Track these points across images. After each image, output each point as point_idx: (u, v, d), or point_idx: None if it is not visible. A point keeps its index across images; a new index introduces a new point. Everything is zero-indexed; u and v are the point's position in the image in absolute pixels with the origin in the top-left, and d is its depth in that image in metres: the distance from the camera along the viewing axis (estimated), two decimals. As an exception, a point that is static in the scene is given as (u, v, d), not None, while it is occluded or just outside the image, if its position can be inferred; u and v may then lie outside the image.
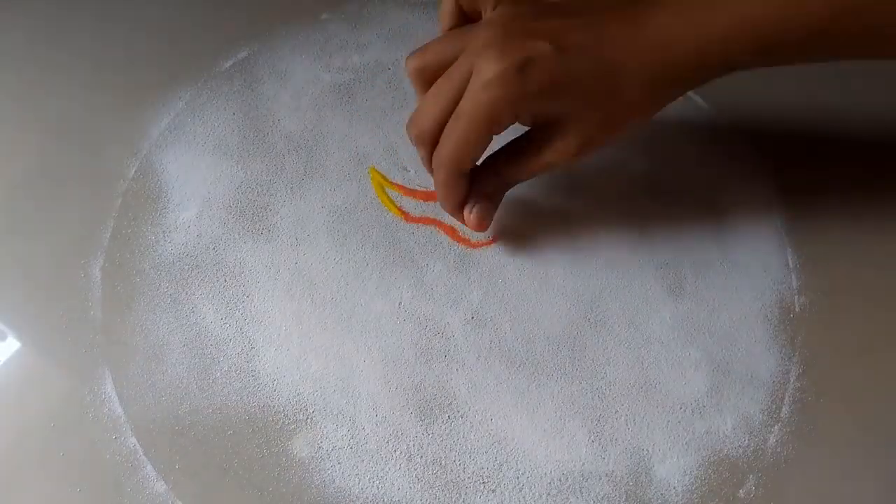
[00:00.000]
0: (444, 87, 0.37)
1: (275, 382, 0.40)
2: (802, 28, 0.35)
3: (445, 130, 0.37)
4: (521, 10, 0.37)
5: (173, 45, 0.50)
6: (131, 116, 0.47)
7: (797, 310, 0.42)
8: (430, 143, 0.38)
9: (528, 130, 0.39)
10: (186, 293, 0.42)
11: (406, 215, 0.44)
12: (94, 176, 0.45)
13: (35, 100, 0.48)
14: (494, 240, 0.43)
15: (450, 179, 0.39)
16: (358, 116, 0.47)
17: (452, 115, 0.37)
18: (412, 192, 0.45)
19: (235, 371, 0.40)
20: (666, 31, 0.35)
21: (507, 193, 0.41)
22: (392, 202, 0.45)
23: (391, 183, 0.45)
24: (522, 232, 0.44)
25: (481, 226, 0.40)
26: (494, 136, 0.37)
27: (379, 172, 0.45)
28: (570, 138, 0.37)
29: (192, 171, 0.45)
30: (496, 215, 0.41)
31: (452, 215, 0.41)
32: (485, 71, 0.35)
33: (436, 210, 0.44)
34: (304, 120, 0.47)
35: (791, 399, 0.40)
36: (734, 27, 0.35)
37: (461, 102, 0.36)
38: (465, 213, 0.40)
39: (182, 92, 0.48)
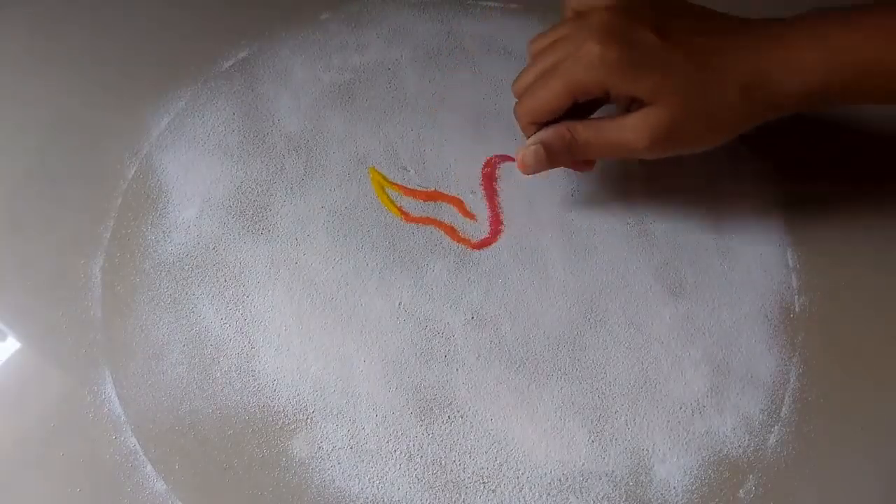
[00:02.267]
0: (548, 55, 0.39)
1: (275, 382, 0.40)
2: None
3: (535, 84, 0.39)
4: (635, 3, 0.38)
5: (173, 45, 0.50)
6: (131, 116, 0.47)
7: (797, 310, 0.42)
8: (542, 112, 0.40)
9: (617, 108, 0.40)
10: (186, 293, 0.42)
11: (406, 215, 0.44)
12: (94, 176, 0.45)
13: (35, 100, 0.48)
14: (494, 240, 0.43)
15: (526, 128, 0.40)
16: (358, 116, 0.47)
17: (551, 73, 0.38)
18: (412, 192, 0.45)
19: (235, 371, 0.40)
20: (774, 54, 0.37)
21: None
22: (392, 202, 0.45)
23: (391, 183, 0.45)
24: (522, 232, 0.44)
25: (525, 168, 0.40)
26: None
27: (379, 172, 0.45)
28: (650, 120, 0.38)
29: (192, 171, 0.45)
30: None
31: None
32: (588, 45, 0.37)
33: (436, 210, 0.44)
34: (304, 120, 0.47)
35: (791, 399, 0.40)
36: (838, 61, 0.37)
37: (559, 63, 0.38)
38: (522, 148, 0.40)
39: (182, 92, 0.48)
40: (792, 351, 0.41)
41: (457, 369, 0.40)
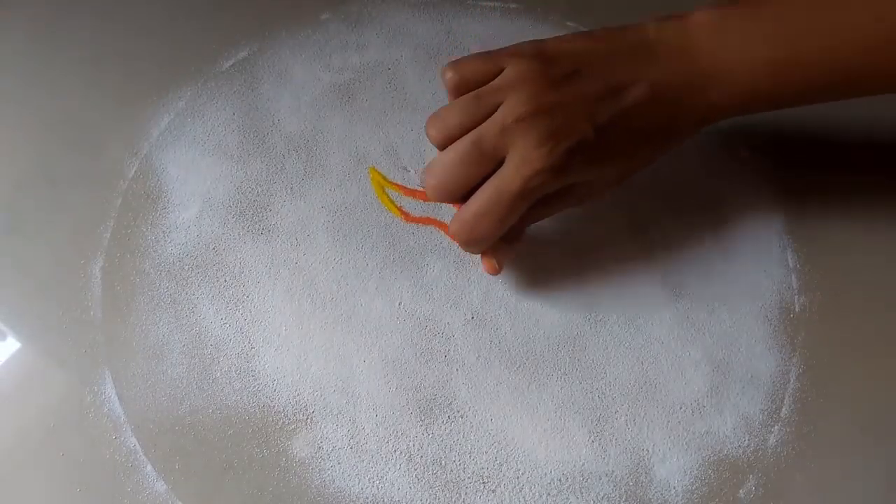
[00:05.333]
0: (469, 149, 0.36)
1: (275, 382, 0.40)
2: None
3: (479, 207, 0.36)
4: (545, 69, 0.36)
5: (173, 45, 0.50)
6: (131, 116, 0.47)
7: (797, 310, 0.42)
8: (447, 198, 0.37)
9: None
10: (186, 293, 0.42)
11: (406, 215, 0.44)
12: (94, 176, 0.45)
13: (35, 100, 0.48)
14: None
15: (480, 249, 0.39)
16: (358, 116, 0.47)
17: (490, 194, 0.36)
18: (412, 192, 0.45)
19: (235, 371, 0.40)
20: (708, 74, 0.37)
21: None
22: (392, 202, 0.45)
23: (391, 183, 0.45)
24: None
25: (496, 270, 0.40)
26: None
27: (379, 172, 0.45)
28: (598, 187, 0.39)
29: (192, 171, 0.45)
30: None
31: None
32: (527, 158, 0.35)
33: (436, 210, 0.44)
34: (304, 120, 0.47)
35: (791, 399, 0.40)
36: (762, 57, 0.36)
37: (502, 180, 0.36)
38: (485, 260, 0.40)
39: (182, 92, 0.48)
40: (792, 351, 0.41)
41: (457, 369, 0.40)
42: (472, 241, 0.38)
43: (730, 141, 0.47)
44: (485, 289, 0.42)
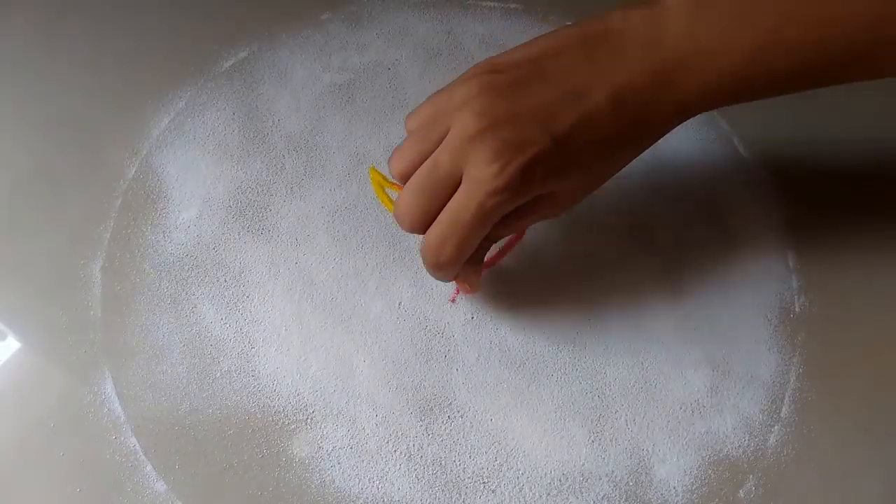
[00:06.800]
0: (426, 177, 0.35)
1: (275, 382, 0.40)
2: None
3: (440, 233, 0.35)
4: (495, 81, 0.34)
5: (173, 45, 0.50)
6: (131, 116, 0.47)
7: (797, 310, 0.42)
8: (418, 229, 0.36)
9: None
10: (186, 293, 0.42)
11: (406, 215, 0.44)
12: (94, 176, 0.45)
13: (35, 100, 0.48)
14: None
15: (450, 275, 0.38)
16: (358, 116, 0.47)
17: (448, 219, 0.35)
18: (412, 192, 0.45)
19: (235, 371, 0.40)
20: (673, 72, 0.34)
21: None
22: (392, 202, 0.44)
23: (391, 183, 0.45)
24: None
25: (474, 291, 0.40)
26: None
27: (379, 172, 0.45)
28: (570, 196, 0.37)
29: (192, 171, 0.45)
30: None
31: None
32: (479, 179, 0.33)
33: (436, 210, 0.44)
34: (304, 120, 0.47)
35: (791, 399, 0.40)
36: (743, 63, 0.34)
37: (458, 204, 0.34)
38: (459, 285, 0.40)
39: (182, 92, 0.48)
40: (792, 351, 0.41)
41: (457, 369, 0.40)
42: (437, 266, 0.36)
43: (730, 141, 0.47)
44: (485, 289, 0.42)
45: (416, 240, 0.43)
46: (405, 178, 0.36)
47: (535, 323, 0.41)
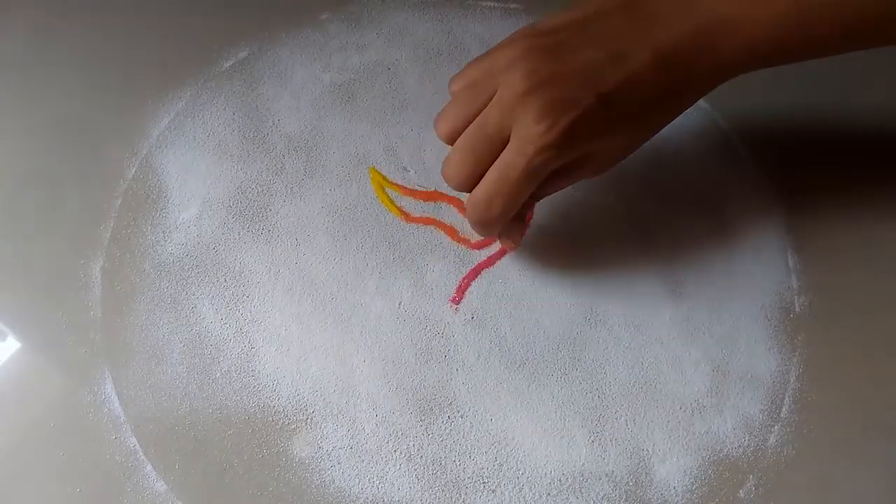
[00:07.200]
0: (475, 135, 0.36)
1: (275, 382, 0.40)
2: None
3: (488, 189, 0.36)
4: (540, 43, 0.35)
5: (173, 45, 0.50)
6: (131, 116, 0.47)
7: (797, 310, 0.42)
8: (467, 187, 0.37)
9: None
10: (186, 293, 0.42)
11: (406, 215, 0.44)
12: (94, 176, 0.45)
13: (35, 100, 0.48)
14: (494, 240, 0.43)
15: (495, 231, 0.39)
16: (358, 116, 0.47)
17: (497, 176, 0.36)
18: (412, 192, 0.45)
19: (235, 371, 0.40)
20: (712, 37, 0.35)
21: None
22: (392, 202, 0.45)
23: (391, 183, 0.45)
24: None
25: (516, 246, 0.42)
26: None
27: (379, 172, 0.45)
28: (611, 157, 0.38)
29: (192, 171, 0.45)
30: None
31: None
32: (528, 136, 0.34)
33: (436, 210, 0.44)
34: (304, 120, 0.47)
35: (791, 399, 0.40)
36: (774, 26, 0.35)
37: (506, 162, 0.35)
38: (502, 241, 0.42)
39: (182, 92, 0.48)
40: (792, 351, 0.41)
41: (457, 369, 0.40)
42: (484, 222, 0.38)
43: (730, 141, 0.47)
44: (485, 289, 0.42)
45: (416, 240, 0.43)
46: (452, 139, 0.37)
47: (535, 323, 0.41)
